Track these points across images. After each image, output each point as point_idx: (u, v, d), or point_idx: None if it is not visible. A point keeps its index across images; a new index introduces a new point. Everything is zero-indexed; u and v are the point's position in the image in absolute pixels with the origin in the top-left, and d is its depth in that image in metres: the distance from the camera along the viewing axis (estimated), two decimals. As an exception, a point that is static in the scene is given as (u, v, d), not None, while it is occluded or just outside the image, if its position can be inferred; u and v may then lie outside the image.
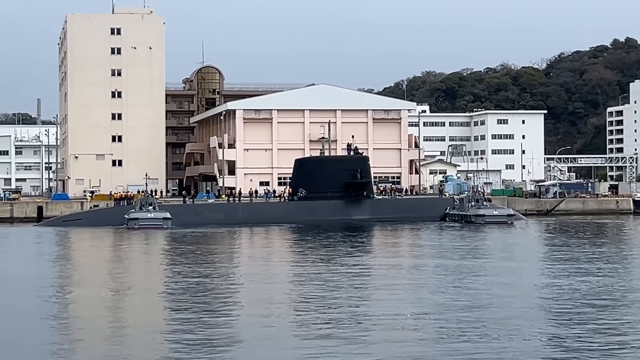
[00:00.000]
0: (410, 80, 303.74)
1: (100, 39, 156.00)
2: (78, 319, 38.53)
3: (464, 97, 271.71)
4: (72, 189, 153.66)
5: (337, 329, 34.22)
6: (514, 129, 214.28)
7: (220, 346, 31.45)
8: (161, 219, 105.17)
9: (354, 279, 50.65)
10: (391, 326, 34.79)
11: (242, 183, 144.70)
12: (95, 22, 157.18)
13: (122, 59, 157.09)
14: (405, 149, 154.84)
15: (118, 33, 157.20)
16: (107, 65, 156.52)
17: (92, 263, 67.17)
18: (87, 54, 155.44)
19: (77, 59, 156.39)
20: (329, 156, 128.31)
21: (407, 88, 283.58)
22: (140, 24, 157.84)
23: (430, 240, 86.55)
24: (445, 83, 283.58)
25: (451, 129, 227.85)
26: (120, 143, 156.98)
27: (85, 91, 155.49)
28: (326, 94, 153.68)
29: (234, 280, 51.88)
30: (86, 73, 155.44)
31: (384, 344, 31.50)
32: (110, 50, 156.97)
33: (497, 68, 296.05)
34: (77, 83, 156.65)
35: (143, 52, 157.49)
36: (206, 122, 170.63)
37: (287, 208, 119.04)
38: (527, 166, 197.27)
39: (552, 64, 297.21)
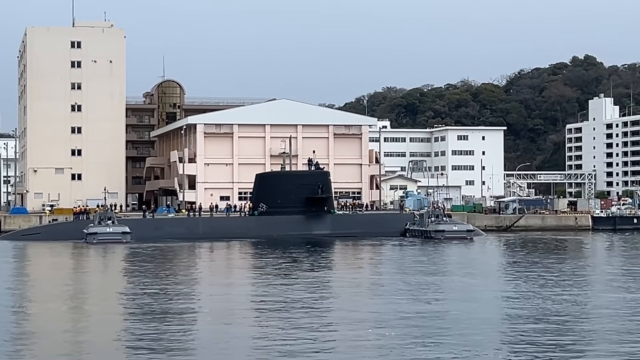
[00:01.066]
0: (371, 96, 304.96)
1: (60, 52, 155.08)
2: (34, 334, 38.13)
3: (425, 113, 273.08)
4: (31, 203, 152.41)
5: (297, 346, 34.09)
6: (474, 145, 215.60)
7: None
8: (120, 233, 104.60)
9: (314, 295, 50.56)
10: (351, 342, 34.70)
11: (202, 198, 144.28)
12: (55, 35, 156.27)
13: (82, 72, 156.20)
14: (366, 164, 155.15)
15: (78, 46, 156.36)
16: (67, 78, 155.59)
17: (49, 277, 66.55)
18: (47, 67, 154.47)
19: (37, 72, 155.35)
20: (289, 171, 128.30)
21: (368, 104, 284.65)
22: (101, 38, 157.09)
23: (391, 255, 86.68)
24: (406, 99, 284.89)
25: (412, 144, 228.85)
26: (80, 157, 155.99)
27: (45, 104, 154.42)
28: (287, 108, 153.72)
29: (193, 296, 51.62)
30: (46, 86, 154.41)
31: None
32: (71, 63, 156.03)
33: (457, 84, 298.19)
34: (36, 96, 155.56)
35: (103, 66, 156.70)
36: (167, 136, 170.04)
37: (248, 223, 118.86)
38: (487, 182, 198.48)
39: (512, 81, 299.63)
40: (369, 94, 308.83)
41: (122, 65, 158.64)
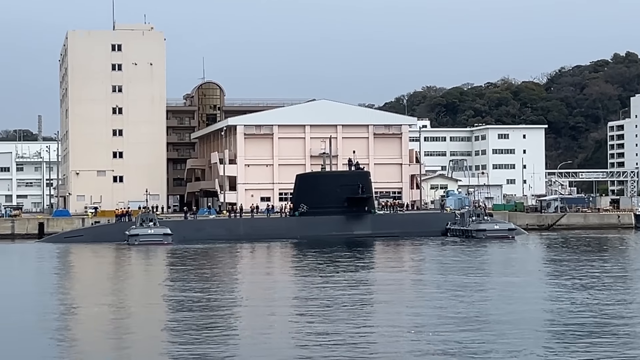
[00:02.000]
0: (411, 96, 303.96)
1: (101, 56, 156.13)
2: (78, 335, 38.42)
3: (465, 112, 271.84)
4: (73, 206, 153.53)
5: (337, 346, 34.06)
6: (514, 144, 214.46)
7: None
8: (162, 234, 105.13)
9: (356, 295, 50.50)
10: (394, 342, 34.62)
11: (243, 199, 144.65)
12: (96, 38, 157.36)
13: (122, 75, 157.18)
14: (406, 164, 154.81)
15: (119, 49, 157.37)
16: (108, 81, 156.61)
17: (92, 279, 67.06)
18: (88, 70, 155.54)
19: (78, 76, 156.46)
20: (330, 171, 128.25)
21: (407, 103, 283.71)
22: (141, 40, 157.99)
23: (432, 255, 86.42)
24: (446, 98, 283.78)
25: (452, 143, 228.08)
26: (121, 159, 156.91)
27: (86, 107, 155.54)
28: (327, 109, 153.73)
29: (235, 296, 51.73)
30: (87, 89, 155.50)
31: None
32: (111, 66, 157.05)
33: (497, 83, 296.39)
34: (78, 99, 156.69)
35: (144, 69, 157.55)
36: (207, 137, 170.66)
37: (289, 223, 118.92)
38: (528, 181, 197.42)
39: (553, 79, 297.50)
40: (408, 93, 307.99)
41: (162, 67, 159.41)
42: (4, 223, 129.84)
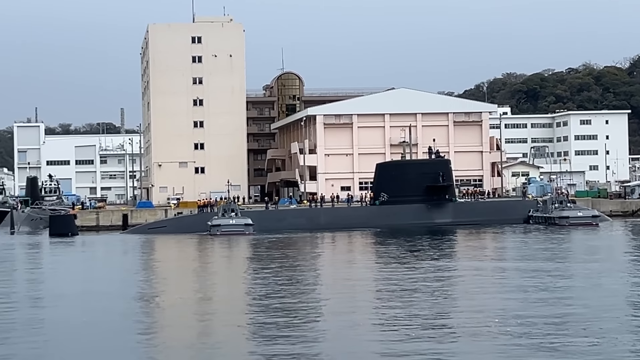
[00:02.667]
0: (490, 83, 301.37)
1: (182, 48, 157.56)
2: (163, 324, 38.90)
3: (546, 98, 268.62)
4: (156, 197, 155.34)
5: (418, 334, 34.00)
6: (597, 130, 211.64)
7: (301, 350, 31.44)
8: (243, 225, 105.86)
9: (438, 283, 50.34)
10: (478, 331, 34.44)
11: (323, 188, 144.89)
12: (176, 31, 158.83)
13: (203, 67, 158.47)
14: (487, 151, 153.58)
15: (199, 42, 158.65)
16: (188, 73, 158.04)
17: (176, 269, 67.80)
18: (169, 62, 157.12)
19: (159, 68, 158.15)
20: (410, 160, 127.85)
21: (487, 90, 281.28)
22: (221, 32, 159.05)
23: (515, 242, 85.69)
24: (527, 84, 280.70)
25: (533, 130, 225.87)
26: (202, 150, 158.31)
27: (168, 100, 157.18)
28: (406, 97, 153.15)
29: (317, 286, 51.87)
30: (168, 82, 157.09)
31: (471, 351, 31.20)
32: (192, 58, 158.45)
33: (579, 68, 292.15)
34: (159, 92, 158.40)
35: (224, 60, 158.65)
36: (287, 128, 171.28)
37: (369, 213, 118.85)
38: (612, 167, 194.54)
39: (636, 63, 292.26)
40: (488, 80, 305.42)
41: (242, 58, 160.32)
42: (88, 215, 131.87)
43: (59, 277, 61.29)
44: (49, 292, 51.30)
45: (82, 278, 61.44)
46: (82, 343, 34.03)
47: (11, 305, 45.16)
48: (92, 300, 47.17)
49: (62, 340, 34.66)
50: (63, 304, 45.61)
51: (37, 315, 41.23)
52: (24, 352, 32.10)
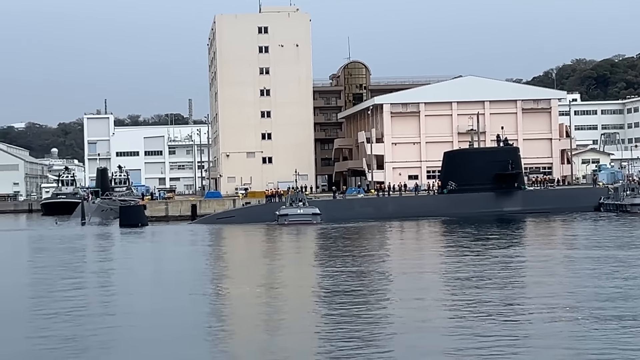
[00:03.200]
0: (560, 69, 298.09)
1: (248, 38, 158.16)
2: (230, 314, 39.05)
3: (617, 84, 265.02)
4: (224, 187, 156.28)
5: (489, 324, 33.71)
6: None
7: (370, 340, 31.35)
8: (311, 214, 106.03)
9: (508, 272, 49.89)
10: (550, 322, 34.02)
11: (390, 177, 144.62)
12: (243, 22, 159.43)
13: (269, 57, 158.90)
14: (556, 138, 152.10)
15: (265, 32, 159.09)
16: (255, 64, 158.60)
17: (245, 258, 68.09)
18: (236, 53, 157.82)
19: (226, 59, 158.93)
20: (478, 148, 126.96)
21: (556, 77, 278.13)
22: (287, 22, 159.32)
23: (586, 230, 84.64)
24: (597, 70, 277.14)
25: (603, 117, 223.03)
26: (269, 140, 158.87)
27: (235, 90, 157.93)
28: (473, 85, 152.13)
29: (386, 275, 51.67)
30: (235, 72, 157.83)
31: (543, 339, 30.83)
32: (258, 49, 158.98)
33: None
34: (226, 82, 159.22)
35: (290, 50, 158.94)
36: (354, 117, 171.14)
37: (437, 201, 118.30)
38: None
39: None
40: (557, 66, 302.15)
41: (308, 48, 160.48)
42: (158, 205, 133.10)
43: (130, 267, 61.88)
44: (120, 282, 51.82)
45: (152, 268, 62.02)
46: (152, 331, 34.30)
47: (84, 293, 45.69)
48: (162, 289, 47.55)
49: (132, 328, 34.96)
50: (134, 293, 46.03)
51: (109, 304, 41.66)
52: (95, 337, 32.43)
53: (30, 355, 30.64)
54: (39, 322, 36.81)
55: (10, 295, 47.06)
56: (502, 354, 28.40)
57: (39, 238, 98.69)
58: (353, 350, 29.48)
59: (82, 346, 31.53)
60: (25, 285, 51.42)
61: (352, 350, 29.58)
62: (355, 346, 30.12)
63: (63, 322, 36.35)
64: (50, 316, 38.12)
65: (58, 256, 71.21)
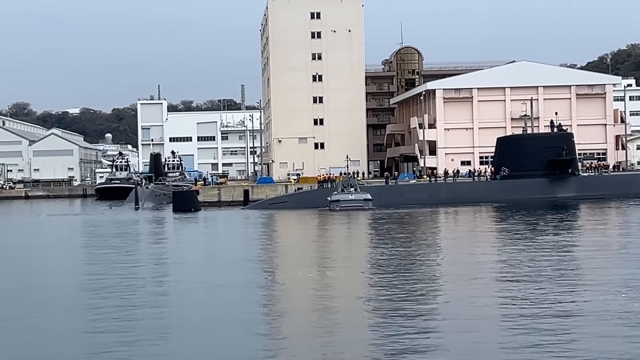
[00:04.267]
0: (614, 54, 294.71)
1: (301, 24, 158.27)
2: (282, 298, 39.19)
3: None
4: (277, 173, 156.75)
5: (543, 313, 33.47)
6: None
7: (421, 331, 31.30)
8: (362, 200, 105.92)
9: (563, 258, 49.51)
10: (605, 309, 33.72)
11: (443, 163, 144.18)
12: (295, 7, 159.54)
13: (322, 42, 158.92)
14: (611, 124, 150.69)
15: (318, 17, 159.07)
16: (307, 49, 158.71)
17: (298, 243, 68.23)
18: (288, 38, 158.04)
19: (279, 44, 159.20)
20: (531, 134, 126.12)
21: (611, 62, 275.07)
22: (340, 8, 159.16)
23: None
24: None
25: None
26: (321, 126, 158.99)
27: (287, 76, 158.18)
28: (527, 70, 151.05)
29: (437, 263, 51.53)
30: (288, 58, 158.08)
31: (597, 332, 30.58)
32: (311, 34, 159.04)
33: None
34: (279, 68, 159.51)
35: (343, 36, 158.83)
36: (406, 102, 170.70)
37: (490, 187, 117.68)
38: None
39: None
40: (612, 51, 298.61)
41: (361, 33, 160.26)
42: (210, 191, 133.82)
43: (184, 252, 62.30)
44: (173, 267, 52.20)
45: (206, 253, 62.38)
46: (203, 314, 34.53)
47: (138, 278, 46.08)
48: (215, 274, 47.82)
49: (184, 311, 35.21)
50: (187, 278, 46.35)
51: (163, 288, 41.98)
52: (147, 320, 32.72)
53: (83, 340, 30.92)
54: (93, 308, 37.13)
55: (65, 278, 47.56)
56: (556, 344, 28.20)
57: (94, 223, 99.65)
58: (403, 340, 29.43)
59: (137, 330, 31.79)
60: (79, 268, 51.91)
61: (403, 339, 29.53)
62: (407, 337, 30.06)
63: (116, 308, 36.66)
64: (104, 301, 38.47)
65: (112, 241, 71.88)
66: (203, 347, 28.90)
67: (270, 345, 29.02)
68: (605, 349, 26.89)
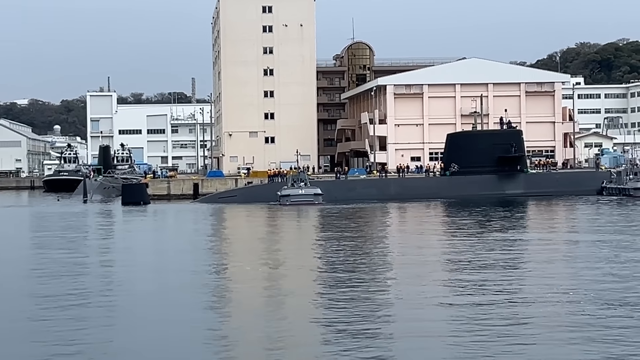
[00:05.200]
0: (563, 52, 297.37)
1: (252, 18, 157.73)
2: (230, 293, 39.09)
3: (620, 69, 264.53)
4: (227, 166, 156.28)
5: (488, 309, 33.70)
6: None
7: (369, 323, 31.36)
8: (312, 195, 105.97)
9: (508, 256, 49.86)
10: (550, 305, 34.02)
11: (393, 158, 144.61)
12: (247, 1, 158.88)
13: (273, 37, 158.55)
14: (559, 122, 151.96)
15: (269, 11, 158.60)
16: (259, 43, 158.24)
17: (246, 238, 68.11)
18: (240, 32, 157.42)
19: (230, 38, 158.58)
20: (481, 130, 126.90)
21: (560, 60, 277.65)
22: (291, 2, 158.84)
23: (588, 214, 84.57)
24: (601, 54, 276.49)
25: (607, 100, 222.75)
26: (272, 120, 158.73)
27: (238, 69, 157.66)
28: (477, 67, 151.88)
29: (385, 257, 51.68)
30: (239, 51, 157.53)
31: (543, 322, 30.85)
32: (262, 28, 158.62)
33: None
34: (230, 62, 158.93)
35: (294, 30, 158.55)
36: (357, 98, 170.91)
37: (440, 183, 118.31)
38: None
39: None
40: (561, 50, 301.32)
41: (312, 28, 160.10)
42: (160, 184, 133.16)
43: (131, 245, 61.94)
44: (120, 260, 51.84)
45: (154, 246, 62.07)
46: (150, 310, 34.31)
47: (84, 271, 45.70)
48: (163, 268, 47.59)
49: (130, 308, 34.96)
50: (134, 271, 46.07)
51: (109, 282, 41.66)
52: (95, 315, 32.45)
53: (26, 334, 30.60)
54: (37, 298, 36.78)
55: (9, 271, 47.04)
56: (501, 336, 28.36)
57: (41, 215, 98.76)
58: (350, 331, 29.46)
59: (81, 324, 31.51)
60: (24, 261, 51.37)
61: (350, 331, 29.56)
62: (354, 328, 30.09)
63: (62, 300, 36.32)
64: (48, 292, 38.09)
65: (59, 233, 71.25)
66: (144, 344, 28.65)
67: (213, 342, 28.85)
68: (552, 351, 27.11)
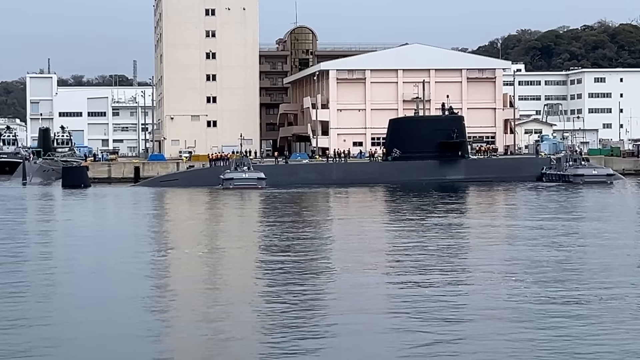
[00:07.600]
0: (505, 39, 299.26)
1: (195, 1, 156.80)
2: (173, 277, 38.93)
3: (560, 56, 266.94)
4: (168, 150, 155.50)
5: (430, 292, 33.91)
6: (611, 88, 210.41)
7: (308, 309, 31.40)
8: (255, 179, 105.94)
9: (448, 241, 50.21)
10: (489, 290, 34.30)
11: (335, 143, 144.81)
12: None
13: (216, 20, 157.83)
14: (500, 108, 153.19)
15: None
16: (201, 26, 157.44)
17: (188, 222, 67.84)
18: (182, 15, 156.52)
19: (172, 21, 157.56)
20: (423, 116, 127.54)
21: (501, 47, 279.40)
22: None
23: (528, 200, 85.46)
24: (541, 41, 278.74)
25: (547, 87, 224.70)
26: (214, 104, 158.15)
27: (180, 52, 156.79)
28: (420, 53, 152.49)
29: (327, 241, 51.81)
30: (181, 34, 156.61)
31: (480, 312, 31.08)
32: (205, 11, 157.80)
33: (594, 25, 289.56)
34: (172, 44, 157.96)
35: (237, 13, 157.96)
36: (299, 82, 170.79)
37: (381, 168, 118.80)
38: (625, 125, 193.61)
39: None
40: (502, 36, 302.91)
41: (255, 12, 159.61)
42: (100, 167, 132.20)
43: (71, 229, 61.36)
44: (60, 244, 51.40)
45: (94, 230, 61.56)
46: (90, 296, 34.03)
47: (22, 256, 45.22)
48: (103, 252, 47.22)
49: (69, 293, 34.65)
50: (73, 255, 45.67)
51: (48, 267, 41.23)
52: (32, 303, 32.13)
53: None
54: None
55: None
56: (440, 321, 28.53)
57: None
58: (291, 317, 29.47)
59: (18, 312, 31.17)
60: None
61: (290, 317, 29.57)
62: (294, 315, 30.11)
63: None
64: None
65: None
66: (84, 330, 28.40)
67: (154, 326, 28.69)
68: (487, 329, 27.31)
